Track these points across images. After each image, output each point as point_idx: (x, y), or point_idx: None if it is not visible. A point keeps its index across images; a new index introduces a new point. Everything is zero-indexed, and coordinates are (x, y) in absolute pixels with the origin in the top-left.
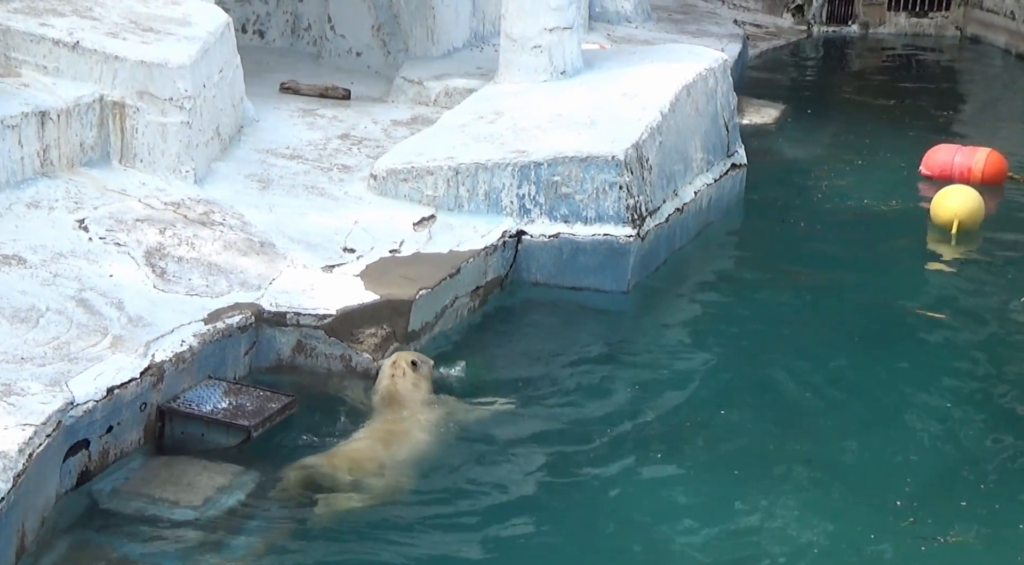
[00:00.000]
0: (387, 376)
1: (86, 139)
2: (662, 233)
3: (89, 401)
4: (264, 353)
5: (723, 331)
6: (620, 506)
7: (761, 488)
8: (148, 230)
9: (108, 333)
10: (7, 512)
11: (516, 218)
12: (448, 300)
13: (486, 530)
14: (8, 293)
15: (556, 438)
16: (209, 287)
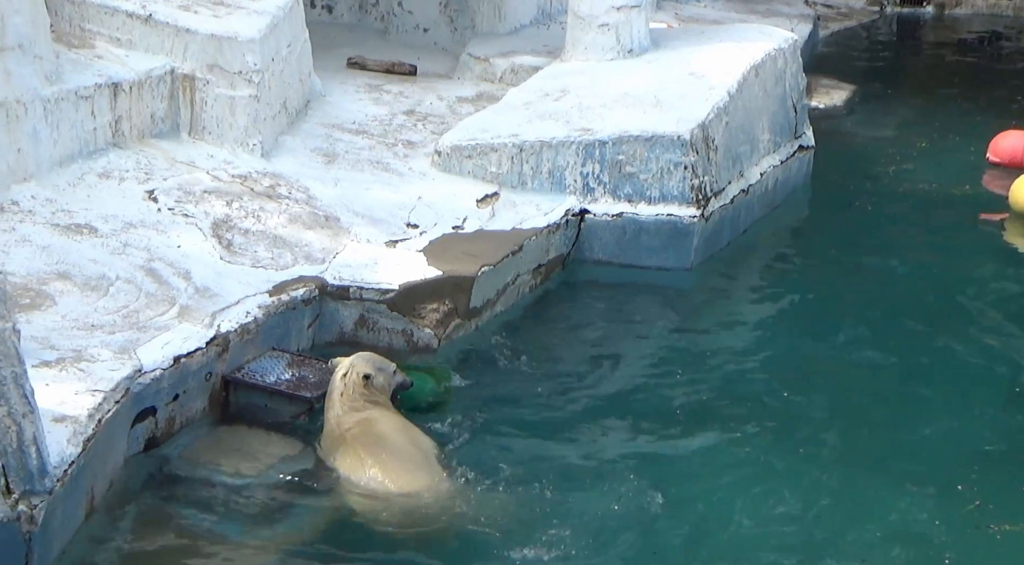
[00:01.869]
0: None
1: (157, 111)
2: (727, 214)
3: (156, 369)
4: (327, 326)
5: (785, 314)
6: (676, 483)
7: (821, 470)
8: (215, 202)
9: (175, 303)
10: (77, 475)
11: (579, 196)
12: (510, 277)
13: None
14: (80, 262)
15: (615, 415)
16: (274, 260)
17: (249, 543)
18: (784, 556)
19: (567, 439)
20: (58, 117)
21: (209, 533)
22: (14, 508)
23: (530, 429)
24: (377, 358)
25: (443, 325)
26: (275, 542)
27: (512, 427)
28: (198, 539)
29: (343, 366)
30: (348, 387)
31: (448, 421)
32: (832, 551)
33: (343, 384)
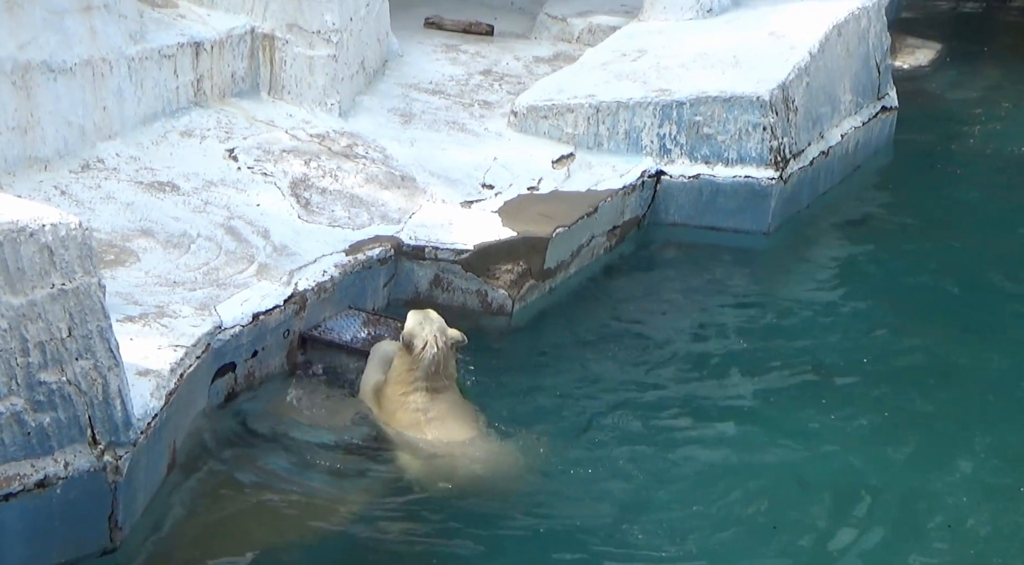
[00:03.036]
0: (431, 344)
1: (237, 70)
2: (806, 176)
3: (236, 326)
4: (402, 286)
5: (864, 279)
6: (745, 446)
7: (902, 438)
8: (294, 161)
9: (254, 261)
10: (159, 428)
11: (656, 158)
12: (584, 239)
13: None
14: (163, 219)
15: (686, 379)
16: (351, 219)
17: (326, 498)
18: (873, 519)
19: (636, 401)
20: (142, 76)
21: (287, 488)
22: (100, 458)
23: (601, 391)
24: (433, 315)
25: (517, 286)
26: (351, 497)
27: (583, 389)
28: (276, 494)
29: (419, 337)
30: (438, 361)
31: (517, 383)
32: (922, 517)
33: (432, 357)
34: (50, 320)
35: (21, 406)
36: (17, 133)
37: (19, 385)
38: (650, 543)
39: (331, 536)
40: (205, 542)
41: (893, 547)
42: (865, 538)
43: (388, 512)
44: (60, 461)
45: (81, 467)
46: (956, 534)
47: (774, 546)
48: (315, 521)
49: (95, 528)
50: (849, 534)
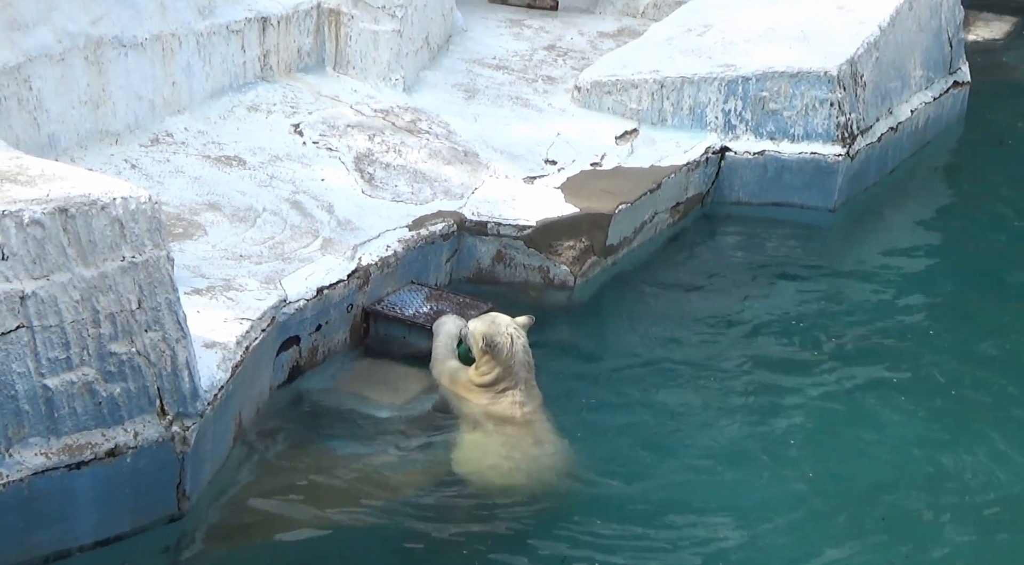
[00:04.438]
0: (516, 336)
1: (303, 45)
2: (873, 153)
3: (300, 300)
4: (465, 261)
5: (930, 257)
6: (812, 434)
7: (972, 424)
8: (358, 136)
9: (319, 235)
10: (226, 400)
11: (720, 134)
12: (647, 215)
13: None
14: (230, 193)
15: (748, 359)
16: (414, 194)
17: (388, 474)
18: (935, 499)
19: (698, 382)
20: (210, 51)
21: (349, 463)
22: (168, 429)
23: (662, 370)
24: (495, 315)
25: (579, 262)
26: (415, 474)
27: (645, 367)
28: (338, 468)
29: (500, 336)
30: (528, 351)
31: (578, 361)
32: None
33: (523, 347)
34: (120, 292)
35: (92, 376)
36: (89, 107)
37: (90, 356)
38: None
39: (393, 514)
40: (268, 513)
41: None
42: (954, 530)
43: (451, 492)
44: (130, 431)
45: (150, 437)
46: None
47: (870, 536)
48: (378, 497)
49: (163, 496)
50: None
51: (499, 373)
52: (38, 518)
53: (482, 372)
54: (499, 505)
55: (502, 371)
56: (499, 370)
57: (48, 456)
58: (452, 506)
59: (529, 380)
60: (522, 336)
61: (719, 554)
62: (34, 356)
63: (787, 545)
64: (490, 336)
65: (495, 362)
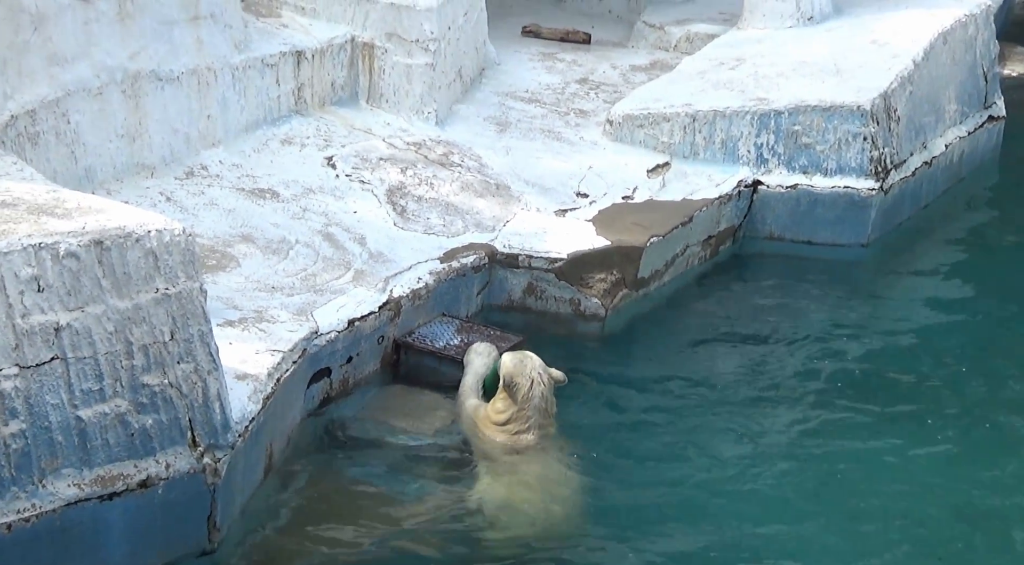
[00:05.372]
0: (537, 382)
1: (337, 79)
2: (907, 187)
3: (332, 331)
4: (496, 293)
5: (964, 293)
6: (836, 466)
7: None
8: (391, 169)
9: (351, 267)
10: (257, 431)
11: (753, 168)
12: (679, 248)
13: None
14: (263, 225)
15: (778, 395)
16: (446, 227)
17: (420, 505)
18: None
19: (727, 418)
20: (245, 84)
21: (380, 494)
22: (200, 460)
23: (691, 405)
24: (530, 354)
25: (610, 295)
26: (446, 503)
27: (674, 402)
28: (370, 499)
29: (523, 376)
30: (546, 398)
31: (608, 393)
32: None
33: (541, 394)
34: (154, 324)
35: (125, 408)
36: (126, 140)
37: (123, 387)
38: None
39: (422, 545)
40: (299, 545)
41: None
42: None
43: (474, 528)
44: (162, 462)
45: (182, 468)
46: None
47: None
48: (409, 527)
49: (194, 528)
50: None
51: (513, 413)
52: (70, 549)
53: (498, 409)
54: (520, 545)
55: (516, 411)
56: (513, 410)
57: (81, 487)
58: (475, 542)
59: (545, 426)
60: (545, 383)
61: None
62: (68, 387)
63: None
64: (512, 376)
65: (511, 401)
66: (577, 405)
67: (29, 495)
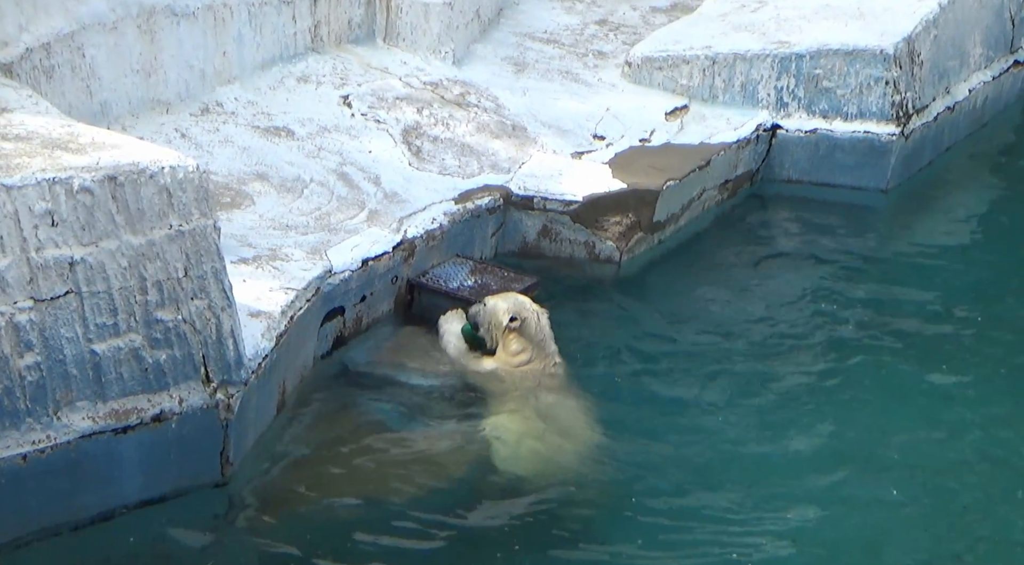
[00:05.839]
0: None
1: (354, 16)
2: (929, 133)
3: (345, 271)
4: (510, 235)
5: (985, 240)
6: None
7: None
8: (407, 109)
9: (365, 207)
10: (270, 369)
11: (772, 111)
12: (696, 192)
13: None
14: (278, 163)
15: (790, 342)
16: (461, 168)
17: (430, 445)
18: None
19: (740, 362)
20: (261, 21)
21: (392, 432)
22: (213, 396)
23: (706, 349)
24: (514, 295)
25: (626, 238)
26: (455, 445)
27: (687, 346)
28: (380, 438)
29: (526, 310)
30: (550, 326)
31: (622, 336)
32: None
33: (547, 321)
34: (167, 260)
35: (139, 342)
36: (141, 76)
37: (137, 322)
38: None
39: (432, 485)
40: (310, 481)
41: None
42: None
43: (488, 468)
44: (175, 397)
45: (195, 404)
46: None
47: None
48: (418, 468)
49: (207, 462)
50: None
51: (532, 349)
52: (84, 481)
53: (514, 351)
54: (531, 484)
55: (535, 345)
56: (531, 346)
57: (95, 420)
58: (488, 482)
59: (555, 356)
60: (545, 315)
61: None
62: (82, 321)
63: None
64: (517, 312)
65: (524, 339)
66: (591, 348)
67: (44, 427)
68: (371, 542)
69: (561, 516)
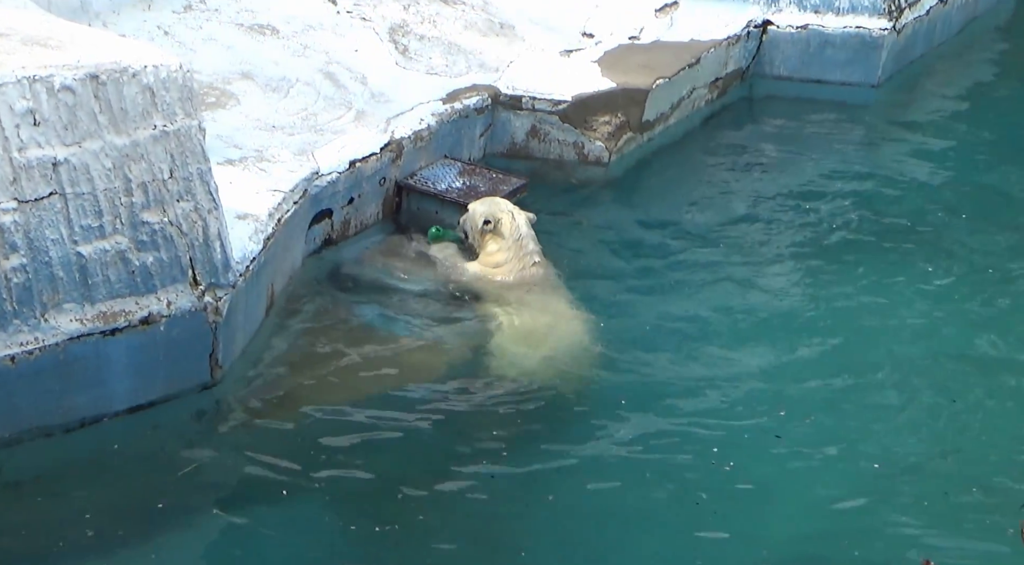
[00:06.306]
0: (517, 212)
1: None
2: (921, 27)
3: (333, 172)
4: (499, 136)
5: (974, 136)
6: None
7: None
8: (393, 6)
9: (352, 107)
10: (258, 272)
11: (763, 7)
12: (685, 91)
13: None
14: (262, 63)
15: (776, 242)
16: (448, 67)
17: (418, 347)
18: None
19: (728, 262)
20: None
21: (381, 335)
22: (201, 299)
23: (695, 249)
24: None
25: (615, 138)
26: (444, 348)
27: (676, 246)
28: (369, 340)
29: (503, 212)
30: (530, 228)
31: (610, 237)
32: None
33: (527, 222)
34: (152, 161)
35: (125, 244)
36: None
37: (123, 224)
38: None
39: (420, 387)
40: (299, 383)
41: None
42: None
43: (472, 368)
44: (163, 300)
45: (183, 306)
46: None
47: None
48: (406, 370)
49: (196, 365)
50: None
51: (509, 251)
52: (74, 382)
53: (490, 251)
54: (522, 384)
55: (511, 245)
56: (507, 246)
57: (83, 322)
58: (476, 380)
59: (539, 254)
60: (523, 215)
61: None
62: (67, 223)
63: (834, 419)
64: (489, 214)
65: (500, 239)
66: (580, 249)
67: (32, 329)
68: (358, 444)
69: (549, 409)
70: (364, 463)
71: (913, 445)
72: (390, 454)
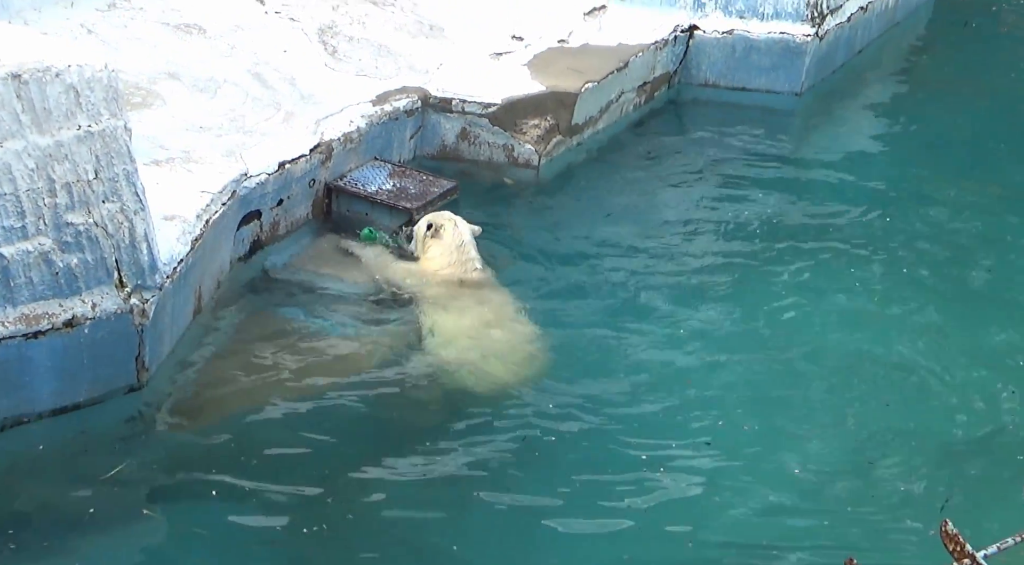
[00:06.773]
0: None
1: None
2: (843, 33)
3: (262, 173)
4: (429, 138)
5: (897, 140)
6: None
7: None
8: (322, 6)
9: (281, 108)
10: (185, 273)
11: (690, 11)
12: (614, 94)
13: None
14: (189, 63)
15: (705, 242)
16: (378, 68)
17: (349, 349)
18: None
19: (657, 264)
20: None
21: (310, 337)
22: (127, 301)
23: (622, 252)
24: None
25: (544, 141)
26: (375, 350)
27: (605, 249)
28: (299, 343)
29: (445, 219)
30: (471, 239)
31: (540, 240)
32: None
33: (467, 230)
34: (76, 161)
35: (49, 246)
36: None
37: (47, 225)
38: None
39: (350, 389)
40: (227, 385)
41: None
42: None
43: (405, 368)
44: (88, 302)
45: (108, 309)
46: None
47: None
48: (337, 373)
49: (122, 368)
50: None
51: (450, 255)
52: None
53: (431, 256)
54: (451, 384)
55: (455, 250)
56: (448, 251)
57: (4, 325)
58: (407, 378)
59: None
60: (467, 226)
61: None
62: None
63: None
64: (432, 220)
65: (442, 244)
66: (510, 252)
67: None
68: (287, 446)
69: (480, 409)
70: (292, 464)
71: (839, 448)
72: (319, 455)
